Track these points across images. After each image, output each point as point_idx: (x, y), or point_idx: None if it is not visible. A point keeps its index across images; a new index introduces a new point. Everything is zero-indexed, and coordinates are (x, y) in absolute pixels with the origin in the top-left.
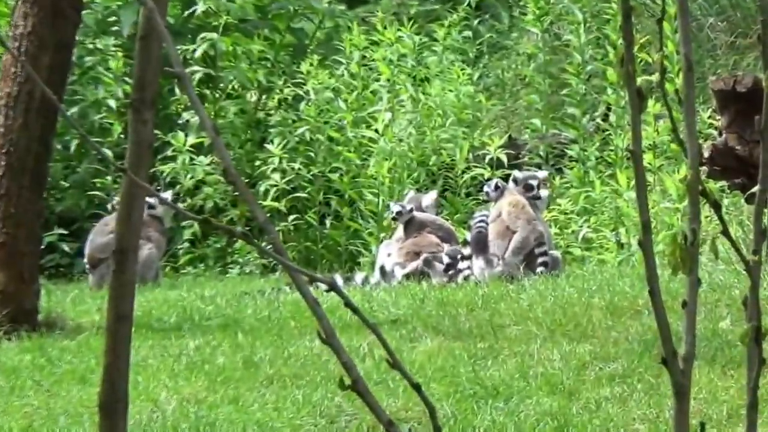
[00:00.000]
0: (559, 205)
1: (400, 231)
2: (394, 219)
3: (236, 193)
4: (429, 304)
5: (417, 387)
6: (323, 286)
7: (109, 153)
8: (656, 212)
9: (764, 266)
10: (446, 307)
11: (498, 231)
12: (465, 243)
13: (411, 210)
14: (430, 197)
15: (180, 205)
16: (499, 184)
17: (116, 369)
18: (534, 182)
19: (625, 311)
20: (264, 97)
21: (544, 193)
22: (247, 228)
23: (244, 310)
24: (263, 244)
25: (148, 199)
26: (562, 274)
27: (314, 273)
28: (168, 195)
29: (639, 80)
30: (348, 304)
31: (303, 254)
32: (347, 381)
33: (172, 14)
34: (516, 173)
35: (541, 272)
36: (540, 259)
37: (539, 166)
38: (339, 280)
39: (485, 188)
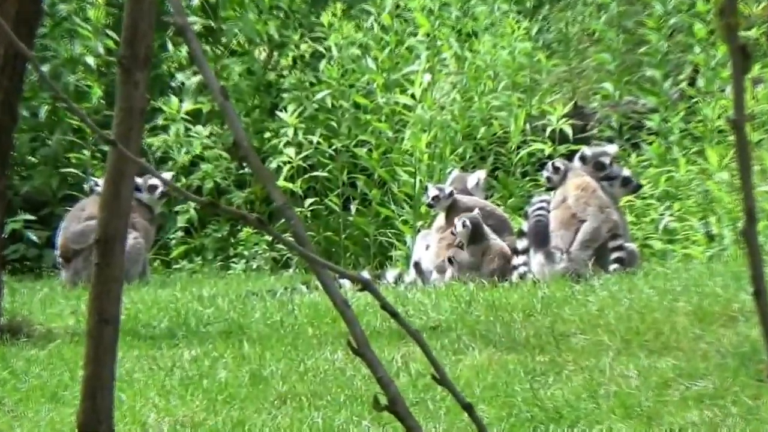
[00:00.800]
0: None
1: (440, 219)
2: (429, 206)
3: (242, 171)
4: (477, 308)
5: (468, 407)
6: (348, 284)
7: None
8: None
9: None
10: (498, 311)
11: (562, 219)
12: (521, 234)
13: (451, 194)
14: (476, 177)
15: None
16: (561, 165)
17: (99, 383)
18: (606, 159)
19: (716, 318)
20: (276, 54)
21: (622, 171)
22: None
23: (251, 314)
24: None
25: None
26: (640, 272)
27: (343, 269)
28: (168, 175)
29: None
30: (385, 306)
31: (322, 246)
32: (383, 401)
33: None
34: (584, 149)
35: (615, 270)
36: (614, 254)
37: (611, 141)
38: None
39: (544, 171)
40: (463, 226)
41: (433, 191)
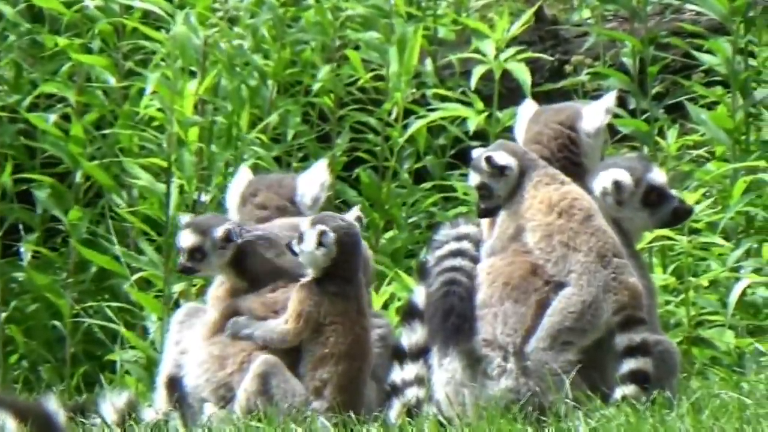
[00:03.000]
0: None
1: None
2: None
3: None
4: None
5: None
6: None
7: None
8: None
9: None
10: None
11: (509, 281)
12: (409, 316)
13: None
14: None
15: None
16: (504, 159)
17: None
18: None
19: None
20: None
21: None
22: None
23: None
24: None
25: None
26: (683, 402)
27: None
28: None
29: None
30: None
31: None
32: None
33: None
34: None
35: (628, 396)
36: (627, 362)
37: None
38: None
39: (470, 174)
40: None
41: None
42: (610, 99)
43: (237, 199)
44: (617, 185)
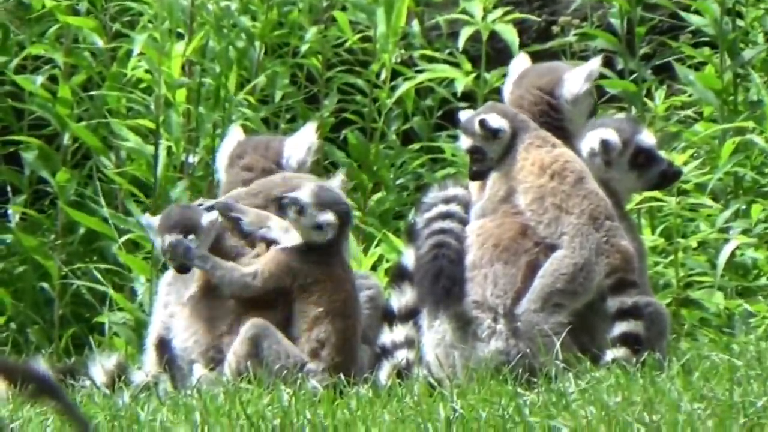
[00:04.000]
0: None
1: None
2: None
3: None
4: None
5: None
6: None
7: None
8: None
9: None
10: None
11: (498, 243)
12: (397, 278)
13: None
14: None
15: None
16: (495, 121)
17: None
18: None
19: None
20: None
21: (641, 135)
22: None
23: None
24: None
25: None
26: (673, 364)
27: None
28: None
29: None
30: None
31: None
32: None
33: None
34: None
35: (618, 359)
36: (619, 325)
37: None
38: None
39: (460, 137)
40: None
41: None
42: (592, 65)
43: (226, 161)
44: (605, 144)
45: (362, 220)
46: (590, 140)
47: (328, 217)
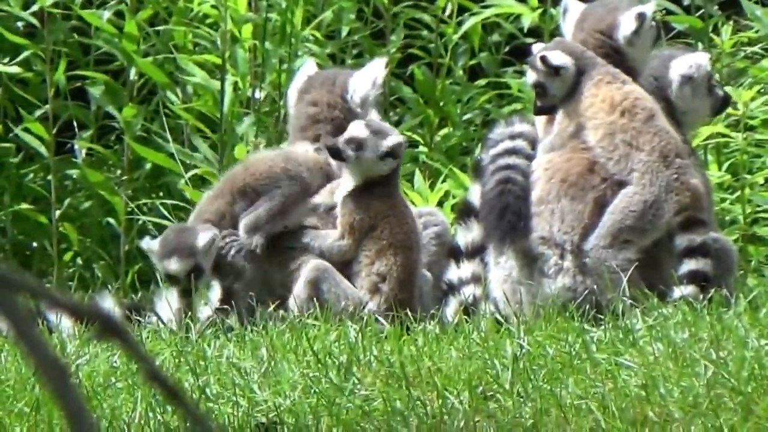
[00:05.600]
0: None
1: None
2: None
3: None
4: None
5: None
6: None
7: None
8: None
9: None
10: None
11: (566, 178)
12: (465, 215)
13: None
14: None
15: None
16: (559, 59)
17: None
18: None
19: None
20: None
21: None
22: None
23: None
24: None
25: None
26: (740, 301)
27: None
28: None
29: None
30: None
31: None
32: None
33: None
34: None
35: (686, 296)
36: (686, 263)
37: None
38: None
39: (527, 73)
40: None
41: None
42: (649, 6)
43: (295, 95)
44: (699, 68)
45: (429, 156)
46: (680, 66)
47: (395, 138)
